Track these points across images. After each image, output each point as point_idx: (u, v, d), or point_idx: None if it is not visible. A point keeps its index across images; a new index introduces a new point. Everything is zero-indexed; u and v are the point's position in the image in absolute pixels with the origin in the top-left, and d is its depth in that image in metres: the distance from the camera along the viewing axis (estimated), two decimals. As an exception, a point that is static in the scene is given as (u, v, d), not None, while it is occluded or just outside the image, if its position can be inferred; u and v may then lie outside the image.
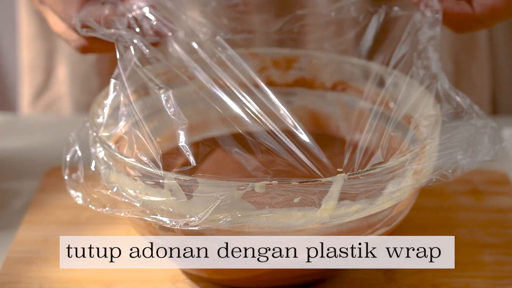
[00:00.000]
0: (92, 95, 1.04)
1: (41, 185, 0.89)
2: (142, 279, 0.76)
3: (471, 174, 0.85)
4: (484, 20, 0.75)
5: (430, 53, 0.75)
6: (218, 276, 0.74)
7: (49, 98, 1.10)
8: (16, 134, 1.00)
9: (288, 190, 0.65)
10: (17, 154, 0.95)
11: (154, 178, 0.67)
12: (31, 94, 1.10)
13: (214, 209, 0.65)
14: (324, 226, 0.68)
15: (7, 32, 1.60)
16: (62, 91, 1.09)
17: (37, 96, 1.10)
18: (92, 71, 1.05)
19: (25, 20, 1.07)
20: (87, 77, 1.05)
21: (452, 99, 0.74)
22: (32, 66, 1.09)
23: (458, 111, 0.74)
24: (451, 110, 0.74)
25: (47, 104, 1.10)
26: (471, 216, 0.84)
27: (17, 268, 0.78)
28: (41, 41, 1.07)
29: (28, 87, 1.10)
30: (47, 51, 1.08)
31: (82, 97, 1.06)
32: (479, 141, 0.72)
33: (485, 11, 0.75)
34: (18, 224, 0.83)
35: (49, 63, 1.08)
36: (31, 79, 1.10)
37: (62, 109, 1.10)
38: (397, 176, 0.68)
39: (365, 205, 0.68)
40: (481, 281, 0.76)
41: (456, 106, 0.74)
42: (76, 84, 1.06)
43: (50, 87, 1.09)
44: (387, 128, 0.77)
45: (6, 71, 1.65)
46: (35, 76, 1.09)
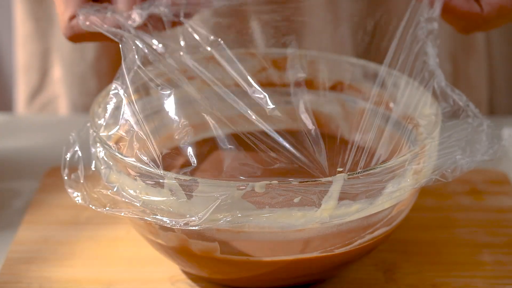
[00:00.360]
0: (89, 96, 1.04)
1: (41, 185, 0.89)
2: (142, 279, 0.76)
3: (471, 174, 0.85)
4: (491, 20, 0.75)
5: (429, 48, 0.75)
6: (218, 276, 0.74)
7: (44, 99, 1.10)
8: (16, 134, 1.00)
9: (288, 190, 0.65)
10: (17, 154, 0.95)
11: (154, 178, 0.67)
12: (27, 94, 1.10)
13: (214, 209, 0.65)
14: (324, 226, 0.68)
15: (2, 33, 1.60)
16: (57, 92, 1.09)
17: (33, 96, 1.10)
18: (89, 72, 1.05)
19: (20, 20, 1.07)
20: (84, 78, 1.05)
21: (449, 97, 0.74)
22: (28, 66, 1.09)
23: (455, 109, 0.74)
24: (448, 108, 0.74)
25: (42, 105, 1.10)
26: (471, 216, 0.84)
27: (17, 268, 0.78)
28: (37, 41, 1.07)
29: (24, 87, 1.10)
30: (42, 51, 1.07)
31: (80, 98, 1.06)
32: (477, 140, 0.72)
33: (493, 11, 0.75)
34: (18, 224, 0.83)
35: (44, 63, 1.08)
36: (27, 79, 1.09)
37: (57, 109, 1.10)
38: (397, 176, 0.68)
39: (365, 205, 0.68)
40: (481, 281, 0.76)
41: (453, 104, 0.74)
42: (73, 85, 1.06)
43: (45, 87, 1.09)
44: (386, 128, 0.77)
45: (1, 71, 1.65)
46: (31, 76, 1.09)
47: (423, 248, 0.80)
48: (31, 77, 1.09)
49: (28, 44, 1.08)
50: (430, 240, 0.81)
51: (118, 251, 0.80)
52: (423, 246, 0.80)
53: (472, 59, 1.02)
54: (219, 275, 0.74)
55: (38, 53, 1.08)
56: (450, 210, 0.85)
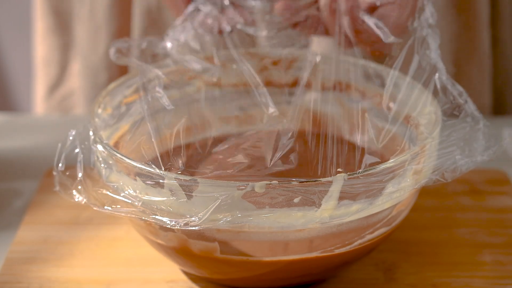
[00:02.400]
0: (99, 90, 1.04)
1: (41, 185, 0.89)
2: (141, 279, 0.76)
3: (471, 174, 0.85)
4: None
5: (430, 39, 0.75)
6: (218, 276, 0.74)
7: (63, 93, 1.10)
8: (16, 134, 1.00)
9: (288, 190, 0.65)
10: (17, 154, 0.95)
11: (154, 178, 0.67)
12: (46, 88, 1.10)
13: (214, 209, 0.65)
14: (324, 226, 0.68)
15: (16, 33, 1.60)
16: (75, 86, 1.09)
17: (52, 90, 1.10)
18: (100, 64, 1.05)
19: (40, 15, 1.07)
20: (96, 71, 1.05)
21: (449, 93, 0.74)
22: (47, 60, 1.09)
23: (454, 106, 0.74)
24: (447, 105, 0.74)
25: (61, 99, 1.10)
26: (471, 216, 0.84)
27: (17, 268, 0.78)
28: (56, 35, 1.07)
29: (42, 81, 1.11)
30: (62, 46, 1.08)
31: (91, 92, 1.06)
32: (474, 139, 0.72)
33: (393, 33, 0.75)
34: (18, 224, 0.83)
35: (63, 57, 1.09)
36: (46, 73, 1.10)
37: (74, 104, 1.10)
38: (397, 176, 0.68)
39: (365, 205, 0.68)
40: (481, 281, 0.76)
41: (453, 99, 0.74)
42: (86, 78, 1.06)
43: (64, 81, 1.10)
44: (386, 128, 0.77)
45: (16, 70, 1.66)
46: (50, 71, 1.10)
47: (423, 248, 0.80)
48: (50, 71, 1.10)
49: (47, 39, 1.08)
50: (430, 240, 0.81)
51: (117, 251, 0.80)
52: (423, 246, 0.80)
53: (474, 61, 1.02)
54: (219, 275, 0.74)
55: (57, 47, 1.08)
56: (450, 210, 0.85)
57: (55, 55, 1.09)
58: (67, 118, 1.07)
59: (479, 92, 1.03)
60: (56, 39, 1.08)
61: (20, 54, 1.62)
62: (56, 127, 1.01)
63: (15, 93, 1.70)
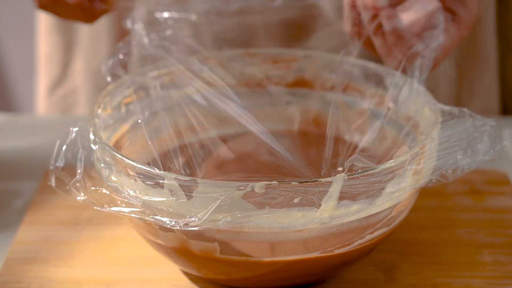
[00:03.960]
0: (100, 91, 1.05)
1: (41, 185, 0.89)
2: (141, 279, 0.76)
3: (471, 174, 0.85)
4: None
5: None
6: (218, 277, 0.74)
7: (65, 91, 1.10)
8: (16, 134, 1.00)
9: (288, 190, 0.65)
10: (17, 154, 0.95)
11: (154, 178, 0.67)
12: (48, 86, 1.11)
13: (214, 210, 0.65)
14: (324, 226, 0.68)
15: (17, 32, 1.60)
16: (77, 84, 1.09)
17: (53, 88, 1.10)
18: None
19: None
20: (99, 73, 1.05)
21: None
22: (50, 58, 1.09)
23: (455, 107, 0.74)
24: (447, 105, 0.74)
25: (62, 97, 1.10)
26: (471, 216, 0.84)
27: (17, 268, 0.78)
28: (60, 34, 1.08)
29: (45, 79, 1.11)
30: (64, 44, 1.08)
31: (93, 93, 1.06)
32: (479, 140, 0.72)
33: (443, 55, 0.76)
34: (18, 224, 0.83)
35: (66, 56, 1.09)
36: (48, 71, 1.10)
37: (77, 101, 1.10)
38: (397, 176, 0.68)
39: (365, 205, 0.68)
40: (481, 281, 0.76)
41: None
42: (88, 80, 1.06)
43: (66, 79, 1.10)
44: (386, 128, 0.77)
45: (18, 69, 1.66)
46: (52, 69, 1.10)
47: (423, 248, 0.80)
48: (52, 69, 1.10)
49: (50, 37, 1.08)
50: (430, 240, 0.81)
51: (118, 251, 0.80)
52: (423, 246, 0.80)
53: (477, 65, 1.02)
54: (219, 276, 0.74)
55: (60, 46, 1.08)
56: (450, 210, 0.85)
57: (58, 53, 1.09)
58: (67, 118, 1.07)
59: (485, 95, 1.03)
60: (59, 38, 1.08)
61: (21, 54, 1.63)
62: (57, 127, 1.01)
63: (16, 93, 1.70)
